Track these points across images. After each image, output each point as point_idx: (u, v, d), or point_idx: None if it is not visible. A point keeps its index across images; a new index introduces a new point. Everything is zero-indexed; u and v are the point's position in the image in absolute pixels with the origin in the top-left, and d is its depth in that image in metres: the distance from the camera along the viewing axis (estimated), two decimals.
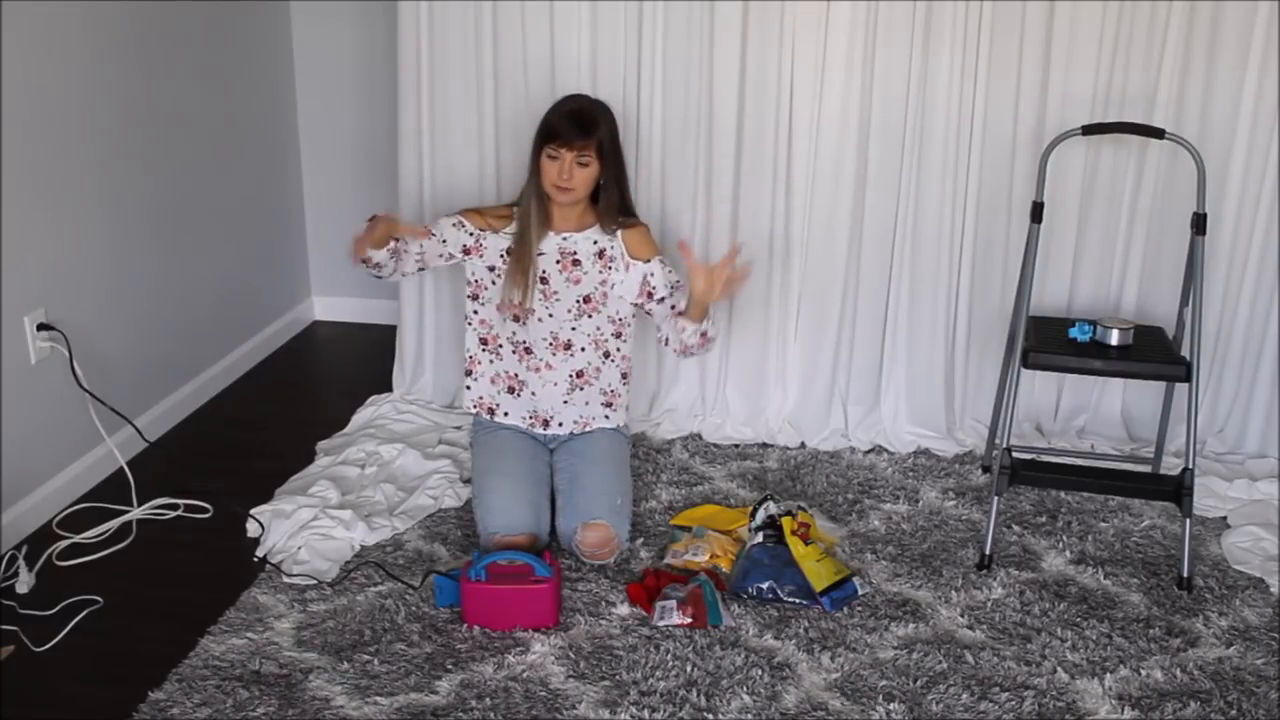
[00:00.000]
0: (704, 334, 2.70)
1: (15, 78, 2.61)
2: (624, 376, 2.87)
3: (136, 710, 2.14)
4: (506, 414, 2.86)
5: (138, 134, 3.11)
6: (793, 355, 3.31)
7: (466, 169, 3.27)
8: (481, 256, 2.78)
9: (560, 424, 2.85)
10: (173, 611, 2.45)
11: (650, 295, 2.79)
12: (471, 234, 2.78)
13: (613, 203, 2.76)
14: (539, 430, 2.86)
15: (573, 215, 2.77)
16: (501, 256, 2.76)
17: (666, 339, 2.78)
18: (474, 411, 2.89)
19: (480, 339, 2.84)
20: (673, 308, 2.74)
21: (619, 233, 2.78)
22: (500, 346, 2.83)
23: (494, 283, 2.79)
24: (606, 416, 2.87)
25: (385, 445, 3.11)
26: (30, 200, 2.70)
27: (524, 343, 2.80)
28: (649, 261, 2.78)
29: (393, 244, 2.66)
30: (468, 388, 2.88)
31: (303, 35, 3.95)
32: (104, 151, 2.97)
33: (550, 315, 2.78)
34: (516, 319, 2.79)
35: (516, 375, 2.83)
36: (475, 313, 2.83)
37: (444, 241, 2.77)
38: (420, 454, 3.09)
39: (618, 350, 2.84)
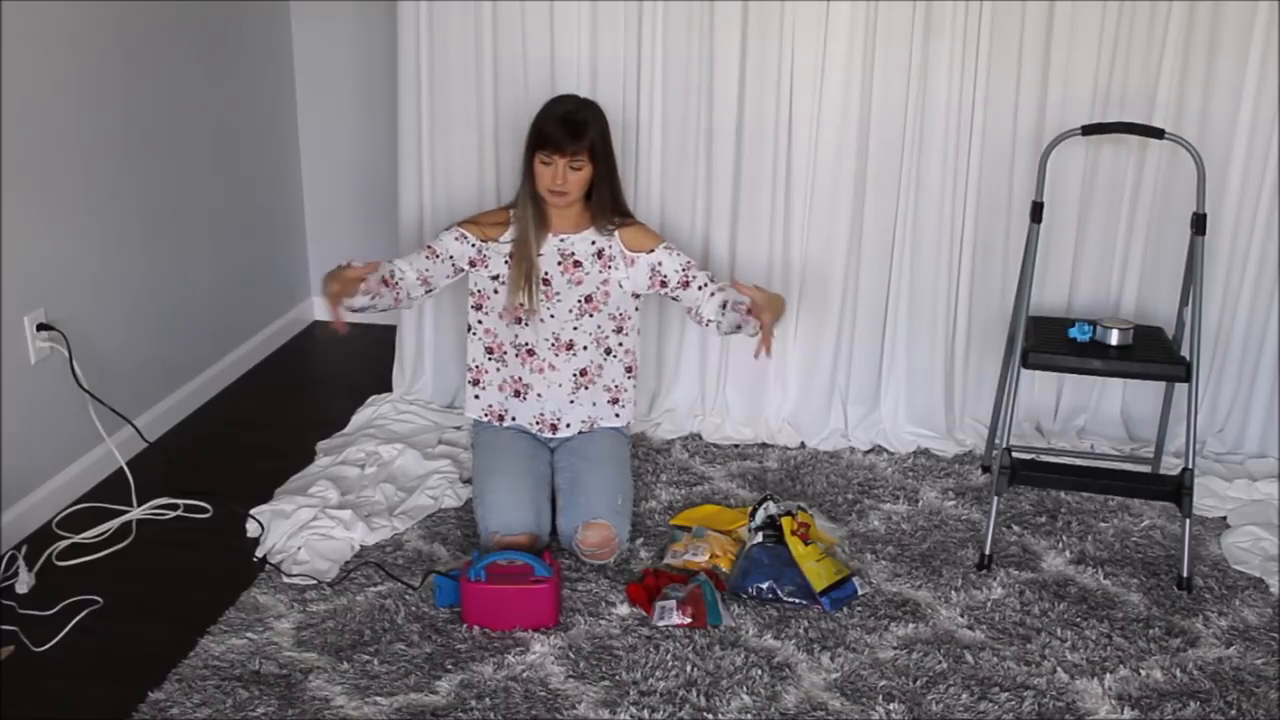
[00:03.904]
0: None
1: (17, 78, 2.61)
2: (629, 370, 2.87)
3: (136, 710, 2.14)
4: (515, 419, 2.86)
5: (139, 134, 3.11)
6: (792, 355, 3.31)
7: (466, 169, 3.27)
8: (486, 267, 2.78)
9: (568, 425, 2.85)
10: (173, 611, 2.45)
11: (664, 284, 2.78)
12: (474, 245, 2.77)
13: (605, 202, 2.76)
14: (547, 434, 2.85)
15: (569, 217, 2.76)
16: (505, 262, 2.76)
17: (709, 321, 2.73)
18: (484, 419, 2.88)
19: (485, 348, 2.84)
20: (712, 294, 2.71)
21: (616, 232, 2.78)
22: (505, 353, 2.82)
23: (496, 291, 2.78)
24: (616, 415, 2.87)
25: (385, 445, 3.11)
26: (31, 200, 2.70)
27: (526, 345, 2.80)
28: (653, 251, 2.78)
29: (364, 284, 2.52)
30: (475, 397, 2.87)
31: (303, 35, 3.95)
32: (105, 152, 2.97)
33: (552, 316, 2.78)
34: (519, 320, 2.79)
35: (521, 379, 2.83)
36: (479, 323, 2.82)
37: (450, 258, 2.74)
38: (420, 454, 3.09)
39: (620, 345, 2.84)
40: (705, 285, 2.74)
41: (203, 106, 3.43)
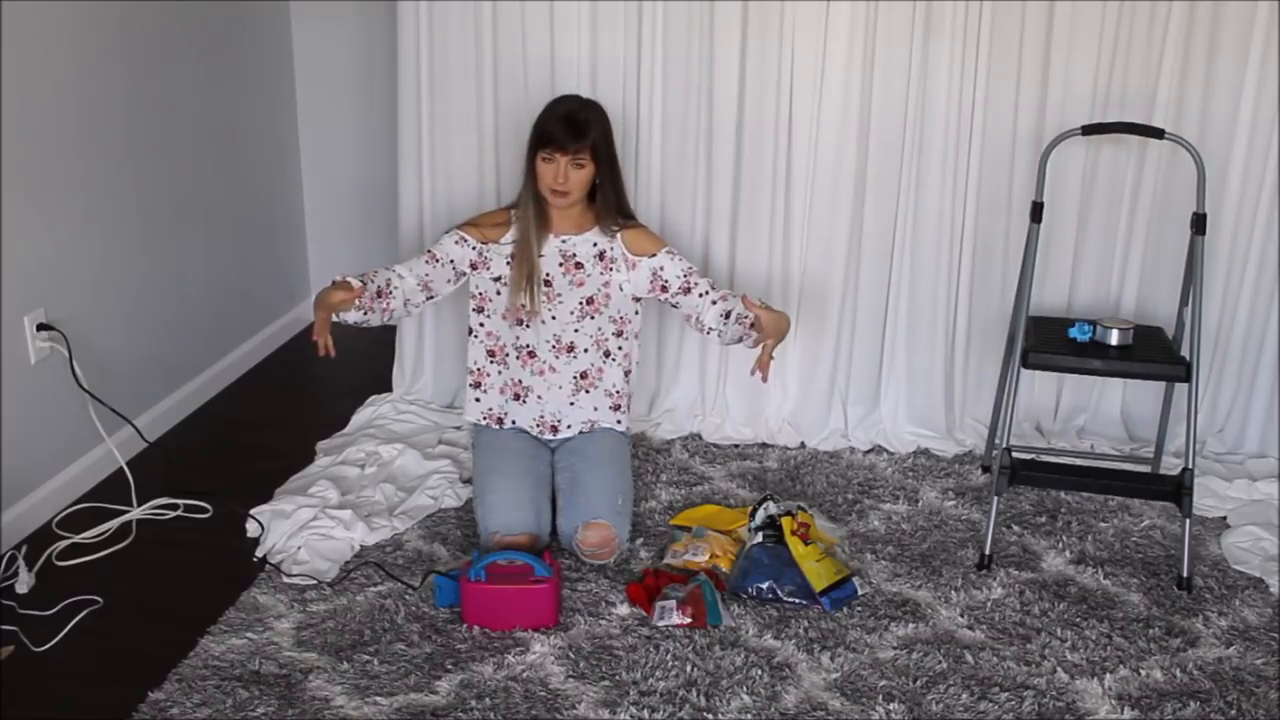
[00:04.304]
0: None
1: (17, 78, 2.61)
2: (626, 374, 2.87)
3: (136, 710, 2.14)
4: (515, 421, 2.86)
5: (139, 134, 3.11)
6: (792, 355, 3.30)
7: (466, 169, 3.27)
8: (487, 269, 2.77)
9: (569, 426, 2.85)
10: (173, 611, 2.45)
11: (664, 288, 2.78)
12: (474, 248, 2.76)
13: (610, 203, 2.76)
14: (547, 435, 2.85)
15: (571, 217, 2.76)
16: (507, 263, 2.75)
17: (710, 329, 2.72)
18: (483, 423, 2.88)
19: (488, 351, 2.83)
20: (714, 302, 2.71)
21: (618, 234, 2.78)
22: (507, 355, 2.82)
23: (499, 293, 2.78)
24: (618, 421, 2.86)
25: (385, 445, 3.11)
26: (31, 200, 2.70)
27: (528, 346, 2.80)
28: (655, 256, 2.78)
29: (359, 300, 2.52)
30: (476, 400, 2.87)
31: (303, 35, 3.95)
32: (105, 151, 2.97)
33: (553, 318, 2.78)
34: (520, 322, 2.78)
35: (521, 381, 2.82)
36: (481, 325, 2.82)
37: (451, 262, 2.74)
38: (420, 454, 3.09)
39: (619, 349, 2.84)
40: (707, 293, 2.74)
41: (203, 106, 3.43)
